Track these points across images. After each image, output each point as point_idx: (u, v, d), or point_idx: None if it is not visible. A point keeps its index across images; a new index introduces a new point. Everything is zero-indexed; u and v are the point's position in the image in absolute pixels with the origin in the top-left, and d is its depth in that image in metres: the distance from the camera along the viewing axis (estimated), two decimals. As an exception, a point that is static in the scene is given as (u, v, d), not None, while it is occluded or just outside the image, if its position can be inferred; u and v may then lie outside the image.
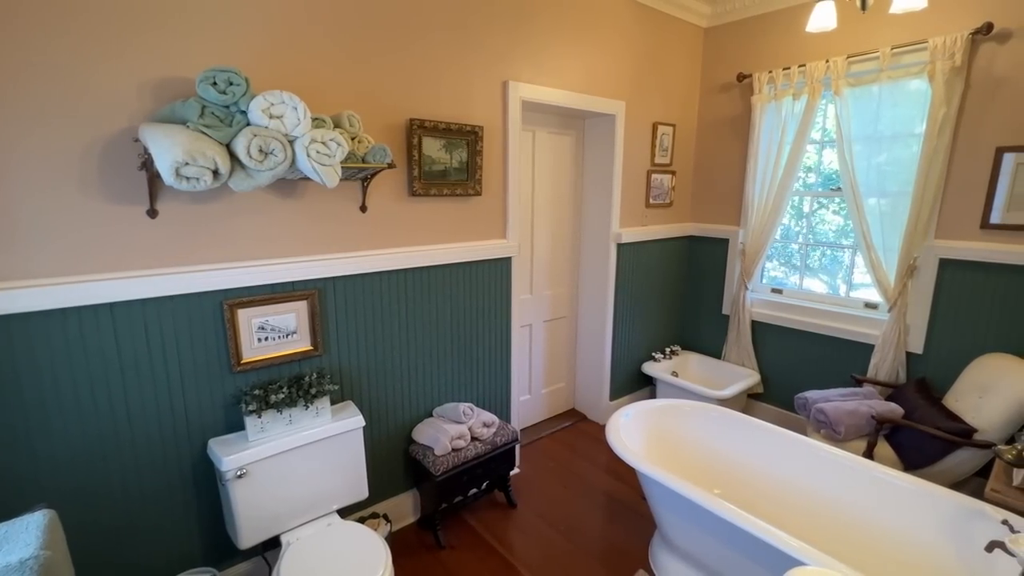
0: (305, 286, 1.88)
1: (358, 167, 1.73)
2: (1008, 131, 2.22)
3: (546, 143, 2.91)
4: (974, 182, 2.33)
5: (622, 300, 3.20)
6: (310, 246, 1.88)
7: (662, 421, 2.37)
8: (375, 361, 2.11)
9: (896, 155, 2.54)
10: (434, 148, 2.13)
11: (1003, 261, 2.26)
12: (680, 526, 1.87)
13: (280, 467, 1.70)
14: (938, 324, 2.50)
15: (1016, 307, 2.26)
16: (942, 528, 1.67)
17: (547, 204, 3.00)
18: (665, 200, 3.32)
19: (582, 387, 3.41)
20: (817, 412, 2.36)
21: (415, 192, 2.09)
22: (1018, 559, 1.19)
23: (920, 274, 2.51)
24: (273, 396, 1.70)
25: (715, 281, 3.44)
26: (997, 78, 2.22)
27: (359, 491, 1.91)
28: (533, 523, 2.33)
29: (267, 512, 1.69)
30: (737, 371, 3.23)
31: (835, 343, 2.88)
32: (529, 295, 3.03)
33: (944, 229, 2.44)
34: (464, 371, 2.44)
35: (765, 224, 3.03)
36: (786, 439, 2.13)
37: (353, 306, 2.02)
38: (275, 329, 1.83)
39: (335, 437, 1.82)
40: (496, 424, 2.30)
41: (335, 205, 1.91)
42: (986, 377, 2.19)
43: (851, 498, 1.92)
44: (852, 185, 2.64)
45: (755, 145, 3.02)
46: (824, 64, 2.66)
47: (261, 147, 1.40)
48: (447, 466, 2.08)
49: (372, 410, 2.14)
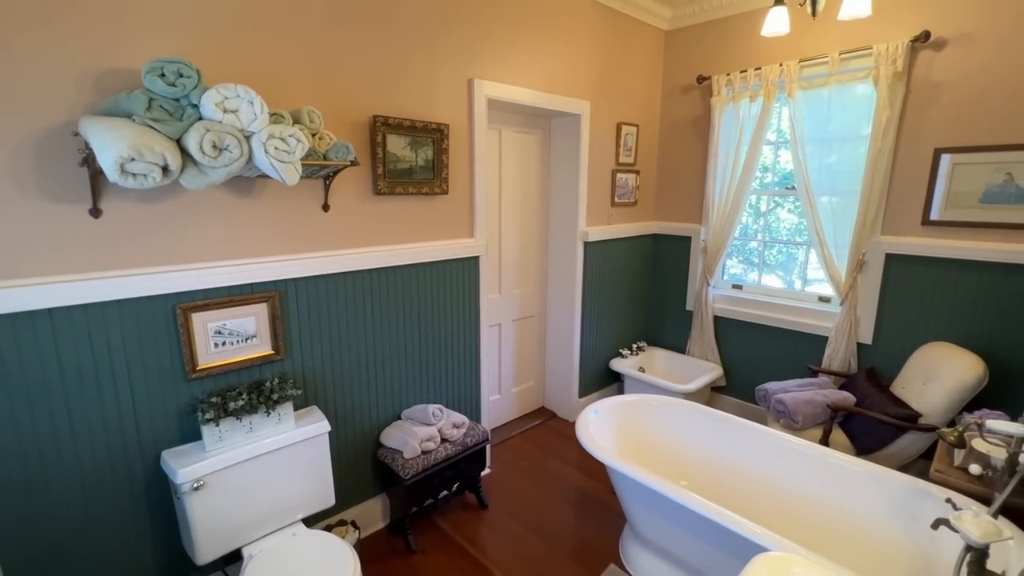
0: (265, 288, 1.81)
1: (319, 164, 1.67)
2: (945, 133, 2.36)
3: (513, 142, 2.91)
4: (915, 181, 2.47)
5: (590, 298, 3.23)
6: (270, 246, 1.81)
7: (630, 416, 2.40)
8: (340, 364, 2.06)
9: (845, 156, 2.67)
10: (399, 146, 2.09)
11: (942, 255, 2.41)
12: (649, 519, 1.90)
13: (241, 477, 1.63)
14: (885, 316, 2.64)
15: (954, 298, 2.41)
16: (892, 508, 1.76)
17: (514, 203, 3.00)
18: (630, 199, 3.37)
19: (551, 385, 3.43)
20: (776, 403, 2.45)
21: (380, 191, 2.05)
22: (961, 535, 1.27)
23: (868, 269, 2.65)
24: (232, 403, 1.63)
25: (679, 278, 3.53)
26: (934, 83, 2.36)
27: (326, 498, 1.86)
28: (505, 523, 2.33)
29: (227, 525, 1.62)
30: (701, 365, 3.32)
31: (792, 336, 3.00)
32: (498, 294, 3.02)
33: (889, 226, 2.58)
34: (433, 372, 2.41)
35: (725, 222, 3.12)
36: (748, 430, 2.20)
37: (316, 308, 1.96)
38: (233, 333, 1.75)
39: (299, 444, 1.76)
40: (466, 425, 2.28)
41: (296, 204, 1.85)
42: (929, 365, 2.33)
43: (810, 483, 2.00)
44: (806, 184, 2.75)
45: (715, 145, 3.11)
46: (778, 68, 2.77)
47: (215, 143, 1.33)
48: (417, 469, 2.05)
49: (338, 415, 2.08)
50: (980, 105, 2.26)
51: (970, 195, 2.31)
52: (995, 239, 2.27)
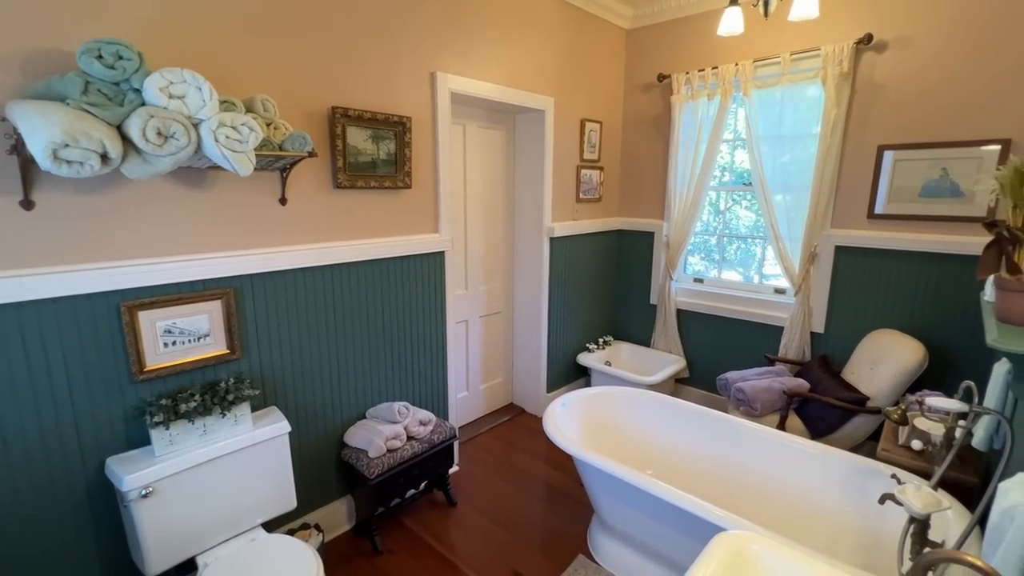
0: (218, 284, 1.73)
1: (275, 155, 1.62)
2: (887, 131, 2.49)
3: (477, 137, 2.90)
4: (861, 177, 2.60)
5: (556, 293, 3.25)
6: (223, 241, 1.73)
7: (597, 408, 2.43)
8: (301, 363, 2.00)
9: (798, 153, 2.78)
10: (360, 138, 2.05)
11: (886, 247, 2.54)
12: (615, 508, 1.92)
13: (194, 482, 1.56)
14: (836, 305, 2.76)
15: (898, 287, 2.55)
16: (843, 486, 1.85)
17: (480, 199, 2.99)
18: (594, 195, 3.41)
19: (520, 381, 3.43)
20: (736, 391, 2.53)
21: (340, 184, 2.00)
22: (905, 507, 1.34)
23: (820, 261, 2.77)
24: (183, 405, 1.55)
25: (643, 273, 3.59)
26: (877, 83, 2.49)
27: (286, 502, 1.79)
28: (474, 519, 2.31)
29: (179, 533, 1.54)
30: (665, 357, 3.39)
31: (750, 327, 3.11)
32: (464, 291, 3.00)
33: (838, 219, 2.70)
34: (399, 370, 2.37)
35: (686, 217, 3.20)
36: (710, 418, 2.26)
37: (275, 305, 1.89)
38: (184, 332, 1.67)
39: (257, 446, 1.69)
40: (433, 422, 2.25)
41: (251, 197, 1.78)
42: (875, 351, 2.46)
43: (769, 467, 2.07)
44: (761, 181, 2.85)
45: (675, 143, 3.18)
46: (734, 67, 2.86)
47: (159, 129, 1.27)
48: (382, 468, 2.01)
49: (299, 415, 2.02)
50: (918, 105, 2.40)
51: (910, 190, 2.45)
52: (932, 231, 2.41)
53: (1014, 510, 0.90)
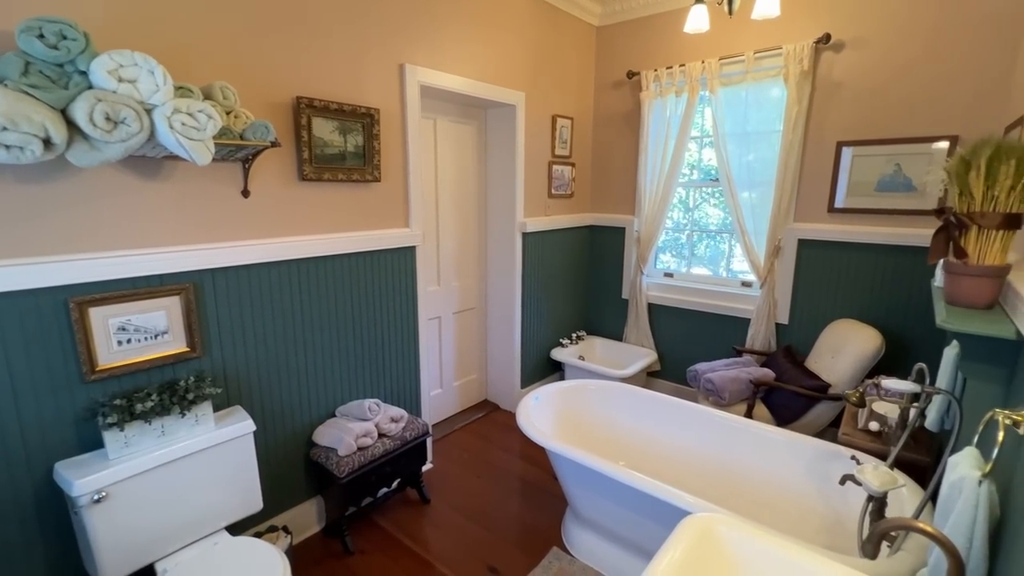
0: (177, 279, 1.66)
1: (235, 144, 1.56)
2: (845, 128, 2.59)
3: (448, 132, 2.87)
4: (822, 172, 2.69)
5: (529, 289, 3.26)
6: (182, 235, 1.67)
7: (569, 402, 2.44)
8: (267, 360, 1.94)
9: (762, 149, 2.86)
10: (326, 130, 2.00)
11: (845, 239, 2.64)
12: (587, 498, 1.94)
13: (152, 485, 1.49)
14: (799, 297, 2.85)
15: (857, 278, 2.65)
16: (807, 470, 1.91)
17: (452, 194, 2.97)
18: (566, 191, 3.43)
19: (494, 377, 3.42)
20: (706, 381, 2.58)
21: (306, 176, 1.95)
22: (864, 486, 1.39)
23: (784, 254, 2.85)
24: (139, 405, 1.48)
25: (615, 268, 3.63)
26: (835, 82, 2.58)
27: (252, 503, 1.74)
28: (447, 516, 2.29)
29: (136, 539, 1.47)
30: (637, 351, 3.44)
31: (719, 319, 3.18)
32: (436, 287, 2.97)
33: (801, 213, 2.79)
34: (370, 367, 2.32)
35: (656, 212, 3.25)
36: (681, 408, 2.30)
37: (238, 301, 1.83)
38: (140, 330, 1.60)
39: (220, 446, 1.63)
40: (405, 418, 2.22)
41: (212, 188, 1.72)
42: (836, 340, 2.54)
43: (737, 454, 2.12)
44: (728, 177, 2.92)
45: (645, 139, 3.22)
46: (701, 65, 2.91)
47: (108, 114, 1.21)
48: (352, 466, 1.97)
49: (265, 414, 1.96)
50: (873, 102, 2.49)
51: (867, 184, 2.55)
52: (887, 224, 2.52)
53: (962, 482, 0.95)
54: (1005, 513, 0.95)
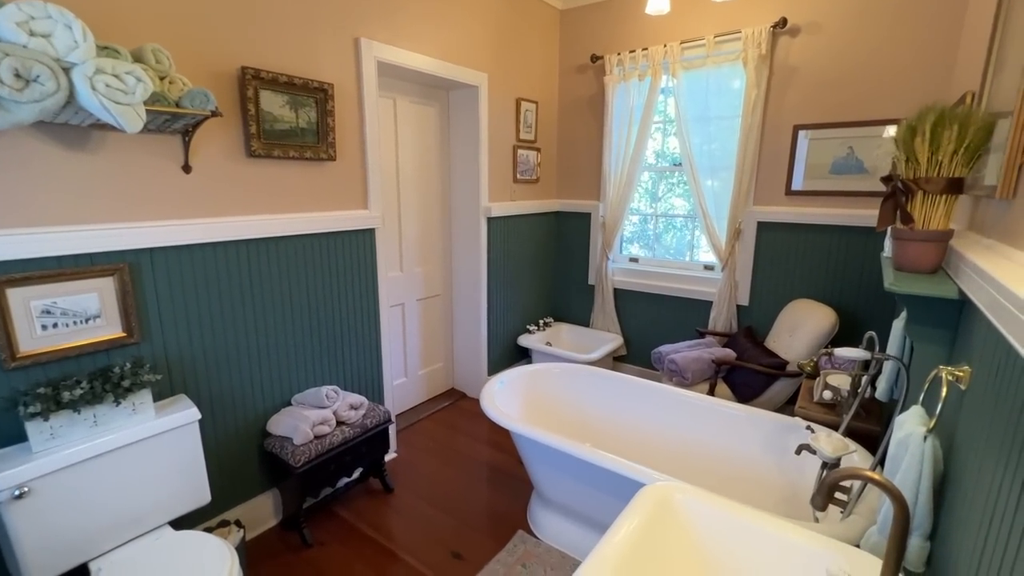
0: (109, 259, 1.55)
1: (171, 112, 1.46)
2: (801, 111, 2.64)
3: (409, 113, 2.79)
4: (779, 155, 2.74)
5: (495, 275, 3.21)
6: (115, 211, 1.55)
7: (535, 385, 2.42)
8: (215, 347, 1.83)
9: (723, 133, 2.89)
10: (275, 104, 1.90)
11: (802, 221, 2.70)
12: (552, 478, 1.92)
13: (84, 479, 1.38)
14: (759, 279, 2.91)
15: (813, 259, 2.72)
16: (766, 444, 1.94)
17: (414, 177, 2.89)
18: (532, 176, 3.40)
19: (460, 365, 3.37)
20: (669, 362, 2.60)
21: (254, 153, 1.84)
22: (818, 453, 1.41)
23: (744, 236, 2.90)
24: (67, 393, 1.37)
25: (581, 254, 3.63)
26: (791, 66, 2.63)
27: (198, 496, 1.64)
28: (412, 505, 2.24)
29: (66, 538, 1.36)
30: (603, 336, 3.45)
31: (682, 303, 3.22)
32: (399, 272, 2.90)
33: (760, 196, 2.84)
34: (328, 354, 2.24)
35: (621, 197, 3.26)
36: (644, 388, 2.31)
37: (181, 283, 1.72)
38: (68, 313, 1.48)
39: (161, 436, 1.53)
40: (365, 406, 2.15)
41: (147, 162, 1.60)
42: (793, 319, 2.61)
43: (699, 430, 2.14)
44: (690, 160, 2.94)
45: (609, 123, 3.22)
46: (663, 48, 2.92)
47: (18, 71, 1.10)
48: (309, 456, 1.89)
49: (214, 404, 1.86)
50: (827, 86, 2.55)
51: (822, 167, 2.61)
52: (840, 205, 2.59)
53: (908, 439, 0.96)
54: (948, 467, 0.97)
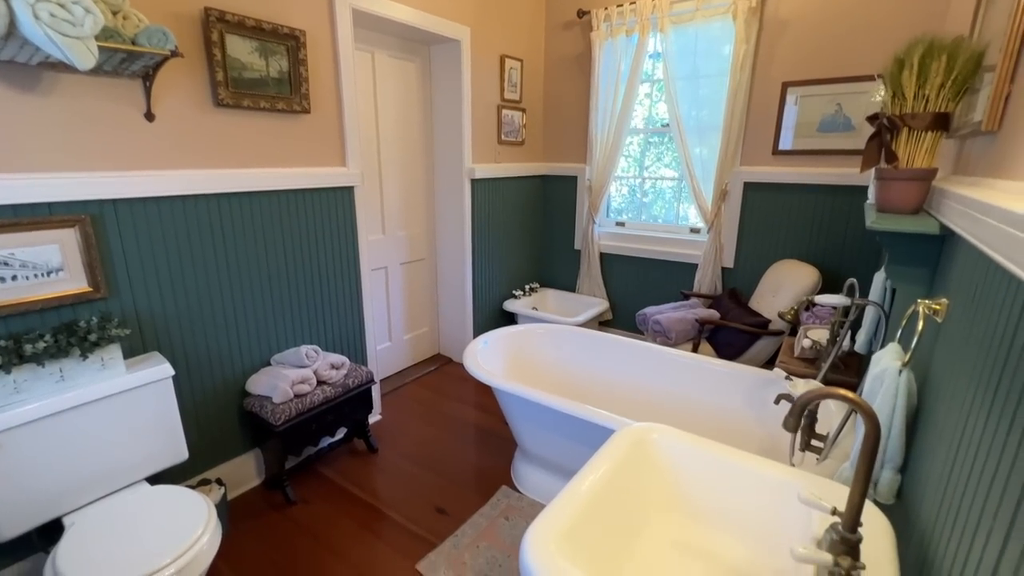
0: (69, 209, 1.48)
1: (126, 50, 1.37)
2: (790, 68, 2.59)
3: (389, 68, 2.69)
4: (767, 114, 2.70)
5: (480, 239, 3.17)
6: (73, 159, 1.47)
7: (519, 346, 2.41)
8: (188, 305, 1.78)
9: (711, 92, 2.83)
10: (244, 50, 1.80)
11: (788, 181, 2.68)
12: (534, 433, 1.93)
13: (51, 434, 1.35)
14: (744, 240, 2.90)
15: (797, 219, 2.71)
16: (747, 398, 1.96)
17: (395, 137, 2.80)
18: (517, 138, 3.32)
19: (446, 330, 3.35)
20: (654, 323, 2.61)
21: (222, 102, 1.76)
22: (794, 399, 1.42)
23: (730, 198, 2.88)
24: (29, 347, 1.32)
25: (567, 218, 3.59)
26: (782, 20, 2.56)
27: (176, 453, 1.62)
28: (396, 464, 2.24)
29: (36, 492, 1.34)
30: (589, 301, 3.44)
31: (668, 266, 3.21)
32: (381, 235, 2.84)
33: (747, 156, 2.80)
34: (309, 315, 2.20)
35: (608, 159, 3.20)
36: (628, 347, 2.31)
37: (149, 237, 1.65)
38: (28, 265, 1.41)
39: (133, 392, 1.50)
40: (347, 365, 2.12)
41: (106, 107, 1.51)
42: (777, 279, 2.61)
43: (682, 388, 2.16)
44: (677, 121, 2.89)
45: (596, 82, 3.14)
46: (651, 2, 2.82)
47: (-52, -8, 1.01)
48: (289, 414, 1.87)
49: (190, 363, 1.82)
50: (817, 41, 2.49)
51: (810, 125, 2.57)
52: (828, 165, 2.56)
53: (883, 373, 0.96)
54: (922, 401, 0.98)
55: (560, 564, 0.70)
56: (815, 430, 1.52)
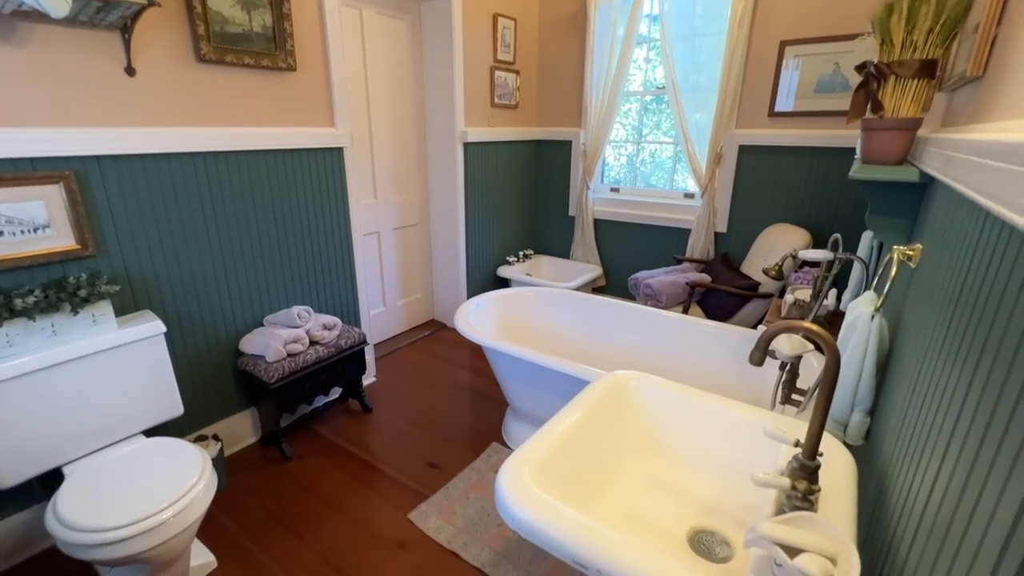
0: (53, 165, 1.47)
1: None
2: (789, 26, 2.52)
3: (378, 26, 2.62)
4: (764, 75, 2.65)
5: (473, 205, 3.15)
6: (54, 114, 1.45)
7: (511, 308, 2.43)
8: (179, 265, 1.79)
9: (709, 54, 2.77)
10: (225, 3, 1.75)
11: (784, 144, 2.65)
12: (523, 391, 1.97)
13: (46, 387, 1.38)
14: (738, 205, 2.89)
15: (792, 183, 2.69)
16: (733, 357, 1.99)
17: (385, 98, 2.75)
18: (511, 101, 3.26)
19: (440, 296, 3.37)
20: (645, 287, 2.62)
21: (205, 57, 1.72)
22: (776, 353, 1.45)
23: (725, 161, 2.85)
24: (19, 301, 1.34)
25: (561, 184, 3.56)
26: (782, -26, 2.49)
27: (170, 407, 1.66)
28: (390, 423, 2.30)
29: (35, 443, 1.37)
30: (583, 267, 3.45)
31: (662, 232, 3.21)
32: (373, 200, 2.82)
33: (743, 119, 2.77)
34: (301, 278, 2.21)
35: (603, 123, 3.15)
36: (618, 308, 2.33)
37: (135, 196, 1.65)
38: (14, 221, 1.41)
39: (126, 347, 1.52)
40: (339, 326, 2.15)
41: (86, 62, 1.48)
42: (769, 243, 2.61)
43: (671, 348, 2.19)
44: (673, 82, 2.83)
45: (591, 43, 3.06)
46: (648, -44, 2.73)
47: (-90, -70, 0.98)
48: (283, 372, 1.90)
49: (183, 323, 1.84)
50: (817, -3, 2.43)
51: (807, 86, 2.53)
52: (824, 126, 2.53)
53: (857, 319, 0.98)
54: (894, 347, 1.00)
55: (532, 489, 0.73)
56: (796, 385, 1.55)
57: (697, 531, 0.85)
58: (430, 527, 1.68)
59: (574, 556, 0.64)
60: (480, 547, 1.60)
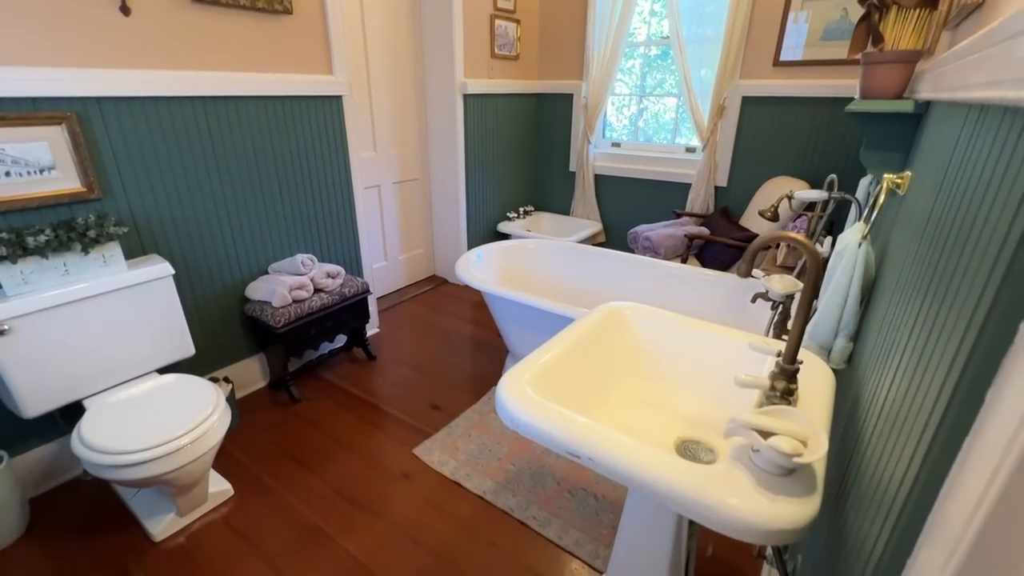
0: (54, 106, 1.47)
1: (93, -72, 1.30)
2: (798, -31, 2.45)
3: (373, -31, 2.54)
4: (770, 22, 2.59)
5: (473, 159, 3.14)
6: (50, 52, 1.44)
7: (512, 260, 2.47)
8: (184, 210, 1.81)
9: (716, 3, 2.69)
10: (217, -61, 1.71)
11: (788, 94, 2.62)
12: (523, 336, 2.03)
13: (62, 323, 1.43)
14: (739, 159, 2.88)
15: (795, 135, 2.67)
16: (728, 303, 2.04)
17: (383, 47, 2.70)
18: (511, 52, 3.20)
19: (441, 251, 3.40)
20: (644, 240, 2.65)
21: (199, -3, 1.69)
22: (769, 292, 1.49)
23: (727, 114, 2.82)
24: (31, 239, 1.37)
25: (562, 140, 3.53)
26: (793, -87, 2.39)
27: (182, 347, 1.72)
28: (394, 370, 2.37)
29: (54, 377, 1.44)
30: (583, 223, 3.46)
31: (663, 187, 3.20)
32: (373, 152, 2.81)
33: (747, 69, 2.72)
34: (303, 228, 2.23)
35: (605, 75, 3.10)
36: (618, 259, 2.36)
37: (137, 139, 1.65)
38: (20, 162, 1.43)
39: (137, 287, 1.56)
40: (342, 275, 2.19)
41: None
42: (770, 197, 2.62)
43: (666, 295, 2.24)
44: (677, 32, 2.77)
45: (594, -11, 2.98)
46: None
47: None
48: (289, 318, 1.96)
49: (189, 267, 1.88)
50: (829, -63, 2.34)
51: (814, 33, 2.48)
52: (829, 76, 2.49)
53: (844, 248, 1.01)
54: (880, 275, 1.04)
55: (530, 393, 0.79)
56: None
57: (684, 440, 0.91)
58: (434, 460, 1.76)
59: (566, 446, 0.70)
60: (482, 478, 1.69)
